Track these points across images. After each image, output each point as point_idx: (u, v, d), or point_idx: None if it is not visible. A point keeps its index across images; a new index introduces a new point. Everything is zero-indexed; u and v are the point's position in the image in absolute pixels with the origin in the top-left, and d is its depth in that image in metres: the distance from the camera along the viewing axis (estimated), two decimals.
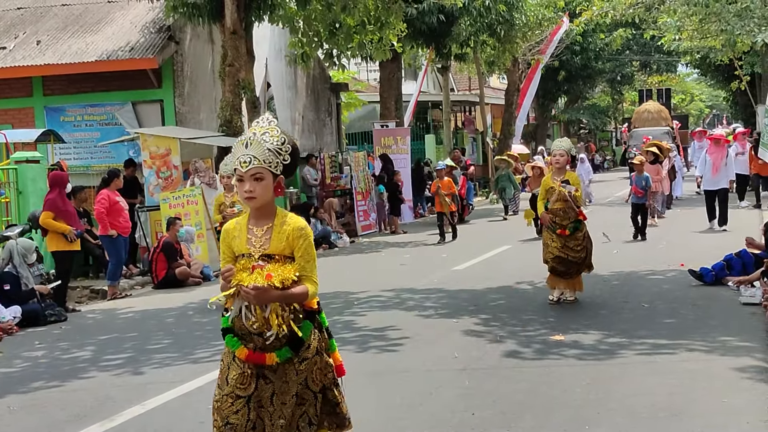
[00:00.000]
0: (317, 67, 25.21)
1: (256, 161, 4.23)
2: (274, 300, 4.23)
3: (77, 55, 18.55)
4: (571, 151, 10.81)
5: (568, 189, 10.28)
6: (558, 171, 10.52)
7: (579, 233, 10.43)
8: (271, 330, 4.26)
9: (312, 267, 4.36)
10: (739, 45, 21.30)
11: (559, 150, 10.55)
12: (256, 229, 4.38)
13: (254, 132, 4.32)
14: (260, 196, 4.29)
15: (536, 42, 33.01)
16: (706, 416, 6.11)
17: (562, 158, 10.47)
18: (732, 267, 11.36)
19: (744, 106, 40.14)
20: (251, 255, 4.32)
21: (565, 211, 10.36)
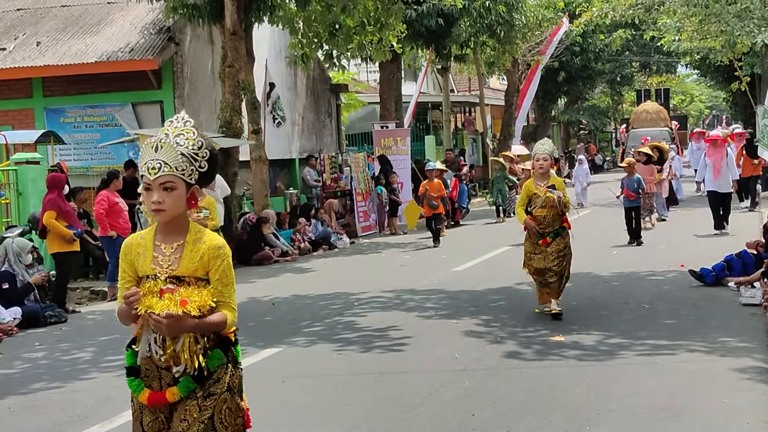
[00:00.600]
0: (317, 68, 25.21)
1: (166, 168, 3.70)
2: (189, 330, 3.69)
3: (77, 56, 18.54)
4: (554, 154, 10.10)
5: (557, 194, 9.62)
6: (541, 176, 9.85)
7: (561, 240, 9.73)
8: (180, 365, 3.73)
9: (230, 292, 3.84)
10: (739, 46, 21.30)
11: (542, 154, 9.83)
12: (165, 246, 3.79)
13: (166, 133, 3.82)
14: (170, 208, 3.73)
15: (536, 43, 33.00)
16: (707, 417, 6.11)
17: (545, 162, 9.80)
18: (732, 267, 11.37)
19: (744, 107, 40.12)
20: (157, 277, 3.74)
21: (548, 219, 9.72)
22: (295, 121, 24.70)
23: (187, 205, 3.78)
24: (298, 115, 24.91)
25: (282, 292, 13.05)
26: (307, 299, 12.31)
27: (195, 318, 3.64)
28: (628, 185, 16.36)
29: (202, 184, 3.82)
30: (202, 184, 3.81)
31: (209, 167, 3.80)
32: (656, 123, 39.33)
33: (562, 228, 9.79)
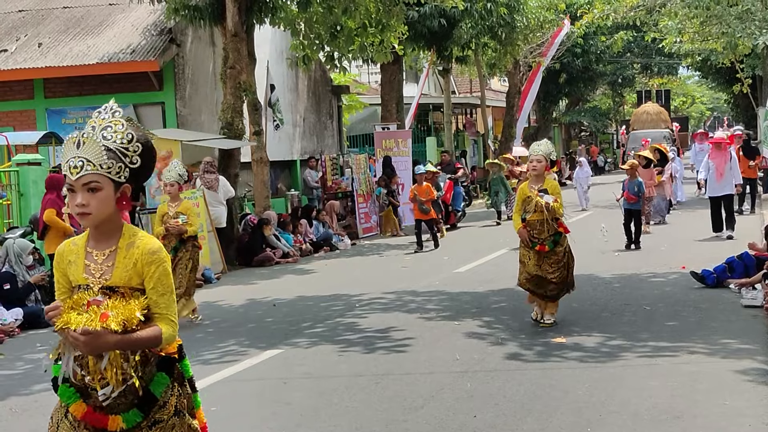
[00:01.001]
0: (318, 70, 25.23)
1: (89, 166, 3.29)
2: (112, 348, 3.24)
3: (78, 57, 18.56)
4: (550, 156, 9.45)
5: (546, 199, 9.14)
6: (535, 178, 9.41)
7: (559, 248, 9.25)
8: (107, 387, 3.29)
9: (168, 302, 3.38)
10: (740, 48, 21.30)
11: (537, 155, 9.37)
12: (96, 253, 3.40)
13: (93, 126, 3.43)
14: (96, 211, 3.33)
15: (537, 44, 33.02)
16: (708, 418, 6.11)
17: (539, 164, 9.34)
18: (733, 269, 11.36)
19: (745, 109, 40.14)
20: (89, 287, 3.36)
21: (543, 224, 9.21)
22: (297, 123, 24.72)
23: (118, 205, 3.39)
24: (299, 117, 24.93)
25: (283, 293, 13.06)
26: (308, 300, 12.31)
27: (119, 333, 3.20)
28: (629, 188, 16.16)
29: (138, 181, 3.44)
30: (138, 180, 3.43)
31: (143, 162, 3.39)
32: (657, 124, 38.87)
33: (559, 234, 9.28)
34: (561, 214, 9.29)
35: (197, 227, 11.05)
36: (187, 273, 10.67)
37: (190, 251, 10.80)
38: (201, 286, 14.48)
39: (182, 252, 10.69)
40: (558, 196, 9.26)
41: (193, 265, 10.84)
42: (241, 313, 11.69)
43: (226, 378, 8.01)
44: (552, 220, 9.18)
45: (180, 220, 10.69)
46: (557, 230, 9.27)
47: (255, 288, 13.94)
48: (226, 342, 9.63)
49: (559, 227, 9.30)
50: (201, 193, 15.78)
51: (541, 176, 9.41)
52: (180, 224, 10.64)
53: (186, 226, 10.67)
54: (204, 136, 17.79)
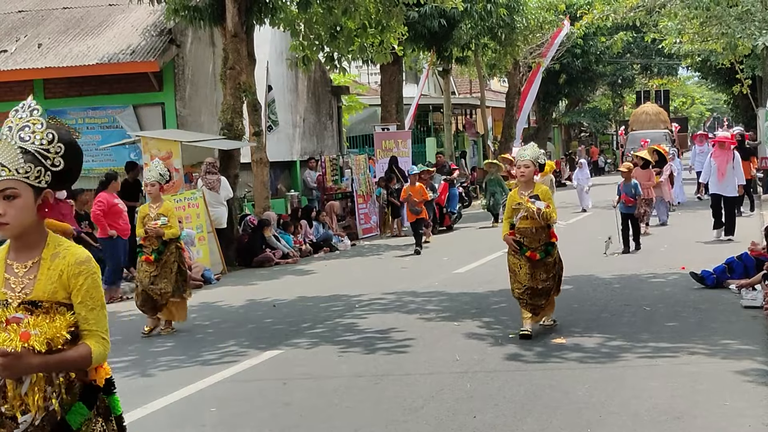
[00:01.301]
0: (318, 70, 25.22)
1: (4, 172, 2.99)
2: (35, 370, 2.94)
3: (78, 58, 18.55)
4: (539, 160, 9.01)
5: (537, 205, 8.68)
6: (525, 184, 8.95)
7: (549, 258, 8.94)
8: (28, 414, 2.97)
9: (98, 317, 3.07)
10: (740, 48, 21.29)
11: (524, 161, 8.93)
12: (17, 265, 3.10)
13: (9, 126, 3.08)
14: (15, 220, 3.03)
15: (537, 45, 33.03)
16: (708, 419, 6.11)
17: (527, 170, 8.90)
18: (733, 270, 11.36)
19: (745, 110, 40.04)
20: (8, 303, 3.05)
21: (534, 232, 8.85)
22: (296, 124, 24.72)
23: (39, 213, 3.08)
24: (299, 118, 24.93)
25: (283, 294, 13.06)
26: (308, 301, 12.31)
27: (42, 354, 2.90)
28: (625, 190, 15.71)
29: (61, 186, 3.14)
30: (60, 185, 3.13)
31: (67, 164, 3.07)
32: (656, 125, 38.64)
33: (551, 244, 8.97)
34: (554, 221, 8.90)
35: (178, 229, 10.68)
36: (173, 276, 10.42)
37: (174, 253, 10.55)
38: (200, 287, 14.49)
39: (166, 255, 10.48)
40: (550, 202, 8.80)
41: (179, 268, 10.58)
42: (240, 313, 11.69)
43: (225, 378, 8.01)
44: (544, 227, 8.85)
45: (160, 222, 10.39)
46: (549, 239, 8.94)
47: (255, 289, 13.95)
48: (226, 342, 9.63)
49: (552, 236, 9.02)
50: (201, 194, 15.78)
51: (530, 182, 8.99)
52: (158, 226, 10.35)
53: (165, 229, 10.37)
54: (204, 137, 17.79)
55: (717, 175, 16.28)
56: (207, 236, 15.76)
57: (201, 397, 7.39)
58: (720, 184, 16.27)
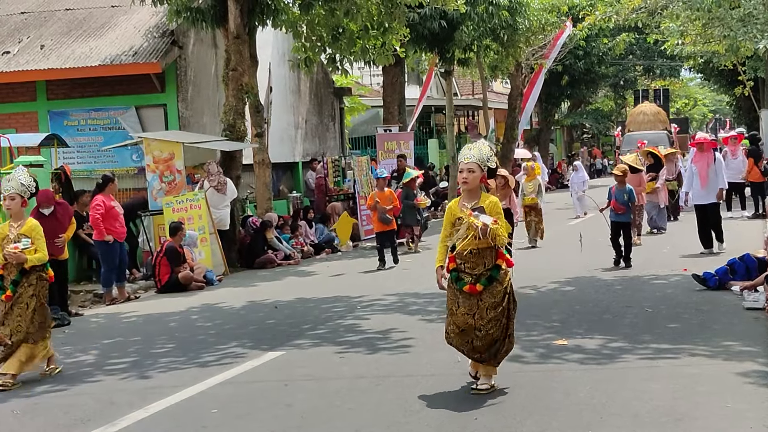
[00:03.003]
0: (320, 72, 25.23)
1: None
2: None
3: (81, 59, 18.58)
4: (488, 163, 7.03)
5: (483, 220, 6.75)
6: (468, 194, 7.03)
7: (497, 287, 6.89)
8: None
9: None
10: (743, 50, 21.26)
11: (467, 163, 6.98)
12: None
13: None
14: None
15: (539, 47, 33.00)
16: (709, 421, 6.11)
17: (471, 175, 6.95)
18: (735, 271, 11.35)
19: (747, 111, 40.00)
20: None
21: (478, 255, 6.89)
22: (299, 125, 24.74)
23: None
24: (301, 119, 24.95)
25: (285, 295, 13.06)
26: (309, 302, 12.32)
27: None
28: (617, 196, 14.33)
29: None
30: None
31: None
32: (654, 125, 37.32)
33: (497, 268, 6.92)
34: (503, 242, 6.89)
35: (45, 254, 8.59)
36: (28, 314, 8.41)
37: (35, 285, 8.50)
38: (202, 288, 14.51)
39: (23, 287, 8.45)
40: (499, 217, 6.87)
41: (38, 303, 8.51)
42: (242, 315, 11.69)
43: (227, 380, 8.01)
44: (490, 248, 6.89)
45: (21, 245, 8.40)
46: (496, 263, 6.94)
47: (256, 290, 13.95)
48: (228, 344, 9.64)
49: (499, 259, 6.95)
50: (203, 196, 15.79)
51: (474, 191, 7.04)
52: (18, 252, 8.34)
53: (27, 254, 8.40)
54: (206, 138, 17.80)
55: (699, 181, 14.97)
56: (209, 237, 15.77)
57: (202, 399, 7.40)
58: (703, 190, 14.93)
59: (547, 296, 11.76)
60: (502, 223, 6.90)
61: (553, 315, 10.30)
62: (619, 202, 14.20)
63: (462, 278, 6.92)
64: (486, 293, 6.87)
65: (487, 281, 6.88)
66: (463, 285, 6.89)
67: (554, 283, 12.61)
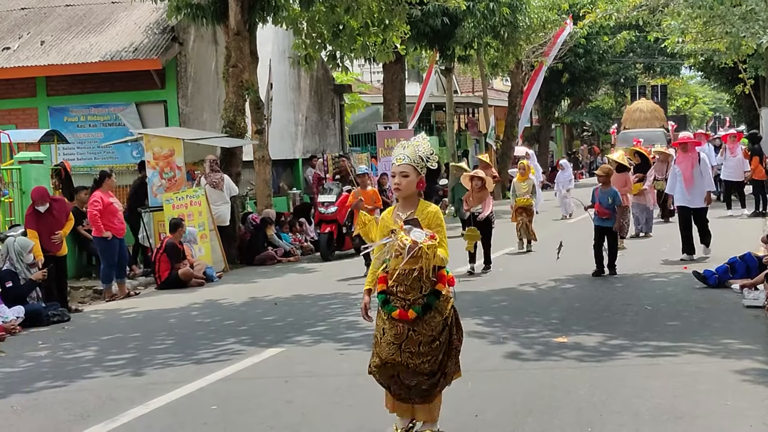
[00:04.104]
0: (320, 69, 25.23)
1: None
2: None
3: (81, 55, 18.57)
4: (427, 163, 5.62)
5: (413, 236, 5.45)
6: (403, 202, 5.70)
7: (435, 317, 5.61)
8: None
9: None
10: (744, 48, 21.25)
11: (400, 166, 5.60)
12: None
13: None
14: None
15: (540, 44, 33.01)
16: (709, 419, 6.10)
17: (405, 180, 5.58)
18: (735, 270, 11.34)
19: (748, 109, 39.93)
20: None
21: (413, 277, 5.57)
22: (299, 122, 24.73)
23: None
24: (301, 116, 24.95)
25: (285, 292, 13.06)
26: (309, 299, 12.31)
27: None
28: (600, 199, 13.13)
29: None
30: None
31: None
32: (651, 123, 36.23)
33: (436, 294, 5.63)
34: (441, 260, 5.58)
35: None
36: None
37: None
38: (202, 285, 14.50)
39: None
40: (439, 231, 5.57)
41: None
42: (242, 311, 11.69)
43: (227, 376, 8.01)
44: (427, 269, 5.55)
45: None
46: (435, 287, 5.63)
47: (256, 286, 13.94)
48: (228, 340, 9.64)
49: (440, 282, 5.66)
50: (203, 192, 15.78)
51: (411, 198, 5.67)
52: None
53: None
54: (206, 135, 17.80)
55: (683, 184, 13.94)
56: (209, 234, 15.76)
57: (202, 395, 7.39)
58: (687, 194, 13.89)
59: (546, 294, 11.75)
60: (443, 237, 5.60)
61: (552, 312, 10.29)
62: (603, 206, 13.04)
63: (392, 301, 5.64)
64: (420, 324, 5.57)
65: (421, 309, 5.57)
66: (392, 309, 5.61)
67: (554, 280, 12.60)
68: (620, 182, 15.53)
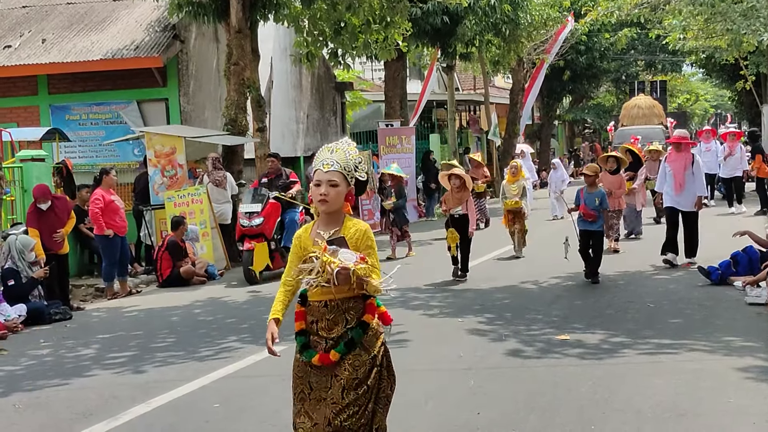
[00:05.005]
0: (322, 67, 25.22)
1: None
2: None
3: (82, 53, 18.58)
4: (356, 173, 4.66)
5: (341, 260, 4.45)
6: (327, 218, 4.65)
7: (361, 356, 4.60)
8: None
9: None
10: (745, 45, 21.27)
11: (329, 173, 4.56)
12: None
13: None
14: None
15: (541, 41, 32.97)
16: (712, 416, 6.10)
17: (333, 190, 4.56)
18: (738, 263, 11.35)
19: (749, 106, 39.92)
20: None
21: (337, 309, 4.62)
22: (300, 119, 24.73)
23: None
24: (302, 113, 24.95)
25: None
26: None
27: None
28: (587, 200, 12.27)
29: None
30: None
31: None
32: (649, 120, 35.29)
33: (363, 327, 4.67)
34: (375, 288, 4.64)
35: None
36: None
37: None
38: (204, 283, 14.50)
39: None
40: (370, 254, 4.63)
41: None
42: (244, 309, 11.68)
43: (229, 374, 8.01)
44: (357, 297, 4.67)
45: None
46: (362, 318, 4.69)
47: (258, 284, 13.94)
48: (229, 338, 9.64)
49: (367, 314, 4.75)
50: (204, 190, 15.78)
51: (336, 213, 4.67)
52: None
53: None
54: (207, 133, 17.80)
55: (673, 185, 13.09)
56: (210, 232, 15.75)
57: (204, 393, 7.39)
58: (676, 196, 13.09)
59: (548, 291, 11.75)
60: (375, 261, 4.67)
61: (554, 310, 10.30)
62: (590, 208, 12.17)
63: (311, 346, 4.66)
64: (343, 365, 4.55)
65: (345, 347, 4.58)
66: (312, 355, 4.62)
67: (555, 278, 12.60)
68: (615, 184, 14.85)
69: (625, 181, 15.71)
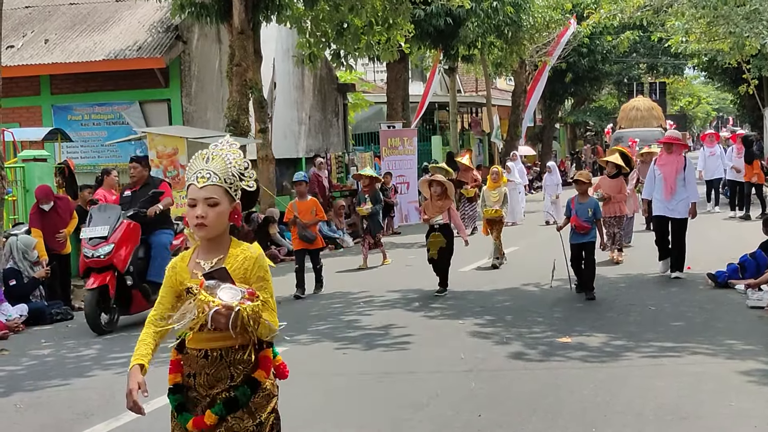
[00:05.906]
0: (324, 68, 25.22)
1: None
2: None
3: (85, 54, 18.58)
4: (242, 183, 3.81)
5: (222, 298, 3.60)
6: (208, 245, 3.78)
7: (244, 421, 3.73)
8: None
9: None
10: (747, 48, 21.24)
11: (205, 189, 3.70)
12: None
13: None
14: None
15: (543, 44, 32.98)
16: (714, 419, 6.10)
17: (212, 211, 3.66)
18: (746, 269, 11.34)
19: (751, 110, 39.86)
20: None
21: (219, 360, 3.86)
22: (302, 120, 24.72)
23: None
24: (305, 115, 24.94)
25: (286, 291, 13.03)
26: (310, 298, 12.30)
27: None
28: (578, 211, 11.24)
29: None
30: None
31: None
32: (648, 122, 34.77)
33: (247, 387, 3.81)
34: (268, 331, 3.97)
35: None
36: None
37: None
38: None
39: None
40: (263, 287, 3.92)
41: None
42: None
43: None
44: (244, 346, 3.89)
45: None
46: (253, 375, 3.86)
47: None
48: None
49: (260, 369, 3.96)
50: None
51: (220, 238, 3.79)
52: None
53: None
54: (209, 134, 17.77)
55: (663, 190, 12.18)
56: None
57: None
58: (667, 202, 12.17)
59: (550, 294, 11.73)
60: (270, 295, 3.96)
61: (555, 312, 10.30)
62: (582, 219, 11.20)
63: (188, 405, 3.94)
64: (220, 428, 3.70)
65: (224, 407, 3.73)
66: (188, 419, 3.87)
67: (557, 280, 12.58)
68: (615, 189, 13.99)
69: (625, 185, 14.79)
